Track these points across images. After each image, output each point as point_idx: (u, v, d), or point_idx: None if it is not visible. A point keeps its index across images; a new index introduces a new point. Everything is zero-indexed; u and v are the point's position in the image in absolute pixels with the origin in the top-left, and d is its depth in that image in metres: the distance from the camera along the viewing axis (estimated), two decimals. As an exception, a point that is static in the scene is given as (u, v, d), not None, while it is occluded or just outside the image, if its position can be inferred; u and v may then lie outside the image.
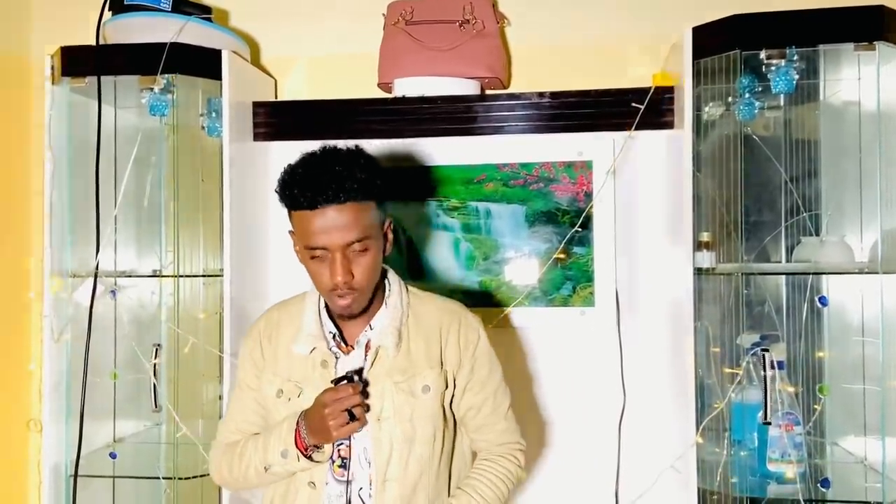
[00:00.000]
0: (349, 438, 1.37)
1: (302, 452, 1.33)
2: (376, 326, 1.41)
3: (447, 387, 1.41)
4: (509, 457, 1.46)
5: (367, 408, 1.35)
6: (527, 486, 1.95)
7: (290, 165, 1.33)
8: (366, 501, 1.37)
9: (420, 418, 1.37)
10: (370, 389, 1.37)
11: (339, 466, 1.38)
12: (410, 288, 1.48)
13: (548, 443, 1.96)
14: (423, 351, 1.40)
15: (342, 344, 1.41)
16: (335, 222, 1.28)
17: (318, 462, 1.36)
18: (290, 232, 1.39)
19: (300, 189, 1.28)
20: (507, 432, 1.48)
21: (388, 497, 1.35)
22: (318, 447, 1.34)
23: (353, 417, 1.29)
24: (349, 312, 1.36)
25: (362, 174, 1.29)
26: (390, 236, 1.40)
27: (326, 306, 1.43)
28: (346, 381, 1.31)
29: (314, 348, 1.39)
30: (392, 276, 1.46)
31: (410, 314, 1.43)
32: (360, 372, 1.38)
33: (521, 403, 1.92)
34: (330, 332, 1.42)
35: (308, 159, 1.32)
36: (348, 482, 1.37)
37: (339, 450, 1.38)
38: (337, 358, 1.39)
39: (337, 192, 1.26)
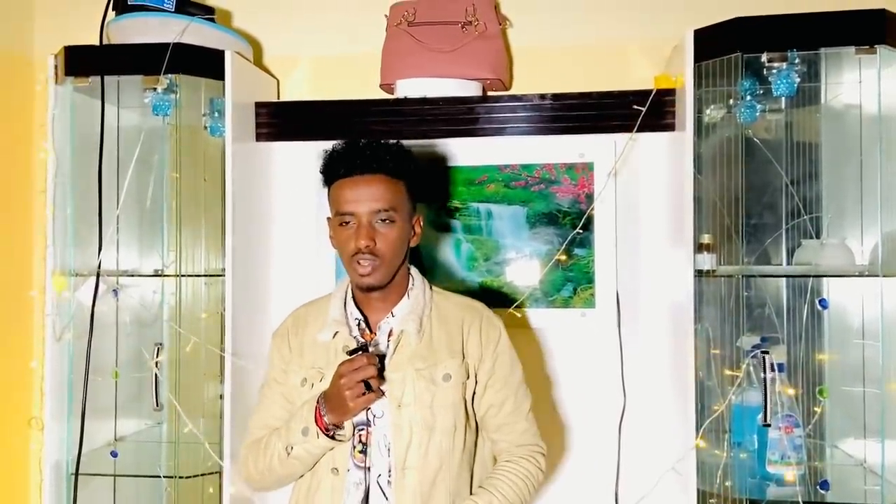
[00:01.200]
0: (370, 423, 1.39)
1: (322, 431, 1.35)
2: (398, 314, 1.46)
3: (468, 377, 1.44)
4: (530, 458, 1.47)
5: (383, 380, 1.38)
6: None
7: (333, 145, 1.47)
8: (384, 489, 1.38)
9: (440, 406, 1.39)
10: (393, 376, 1.40)
11: (360, 452, 1.40)
12: (434, 286, 1.54)
13: (548, 444, 1.95)
14: (444, 341, 1.44)
15: (367, 331, 1.46)
16: (365, 191, 1.40)
17: (339, 441, 1.37)
18: (328, 219, 1.48)
19: (339, 158, 1.42)
20: (527, 434, 1.49)
21: (407, 485, 1.37)
22: (338, 426, 1.36)
23: (369, 389, 1.31)
24: (368, 282, 1.40)
25: (397, 152, 1.44)
26: (418, 230, 1.50)
27: (354, 296, 1.49)
28: (360, 352, 1.34)
29: (337, 332, 1.44)
30: (416, 273, 1.52)
31: (433, 307, 1.48)
32: (382, 356, 1.41)
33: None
34: (356, 319, 1.47)
35: (351, 140, 1.46)
36: (367, 468, 1.39)
37: (359, 435, 1.40)
38: (357, 342, 1.44)
39: (370, 161, 1.40)
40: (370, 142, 1.43)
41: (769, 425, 1.62)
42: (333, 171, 1.43)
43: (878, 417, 1.61)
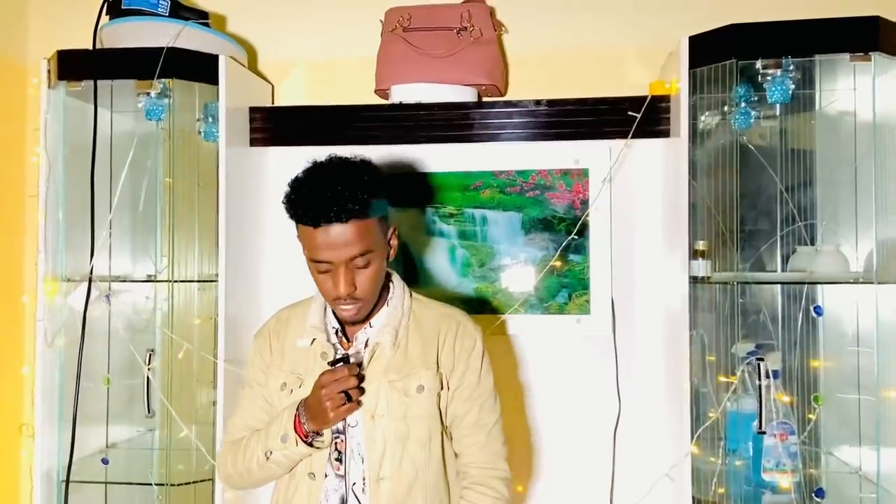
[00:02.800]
0: (345, 431, 1.40)
1: (301, 438, 1.35)
2: (375, 325, 1.44)
3: (443, 387, 1.43)
4: (486, 491, 1.41)
5: (363, 391, 1.37)
6: (521, 494, 1.94)
7: (295, 179, 1.34)
8: (359, 497, 1.38)
9: (414, 418, 1.39)
10: (366, 387, 1.39)
11: (336, 460, 1.40)
12: (414, 294, 1.51)
13: (542, 451, 1.95)
14: (420, 352, 1.42)
15: (344, 339, 1.45)
16: (338, 239, 1.30)
17: (318, 448, 1.37)
18: (298, 237, 1.40)
19: (304, 207, 1.30)
20: (486, 450, 1.43)
21: (382, 495, 1.37)
22: (317, 433, 1.36)
23: (349, 399, 1.32)
24: (354, 319, 1.40)
25: (364, 194, 1.30)
26: (394, 242, 1.44)
27: None
28: (342, 363, 1.33)
29: (314, 339, 1.43)
30: (396, 280, 1.49)
31: (411, 317, 1.46)
32: (359, 362, 1.40)
33: (516, 411, 1.92)
34: (333, 328, 1.46)
35: (312, 175, 1.33)
36: (344, 476, 1.39)
37: (335, 442, 1.40)
38: (336, 350, 1.43)
39: (339, 212, 1.28)
40: (335, 183, 1.29)
41: (764, 432, 1.62)
42: (299, 216, 1.31)
43: (873, 425, 1.60)
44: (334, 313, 1.47)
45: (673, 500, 1.73)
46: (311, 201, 1.29)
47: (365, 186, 1.31)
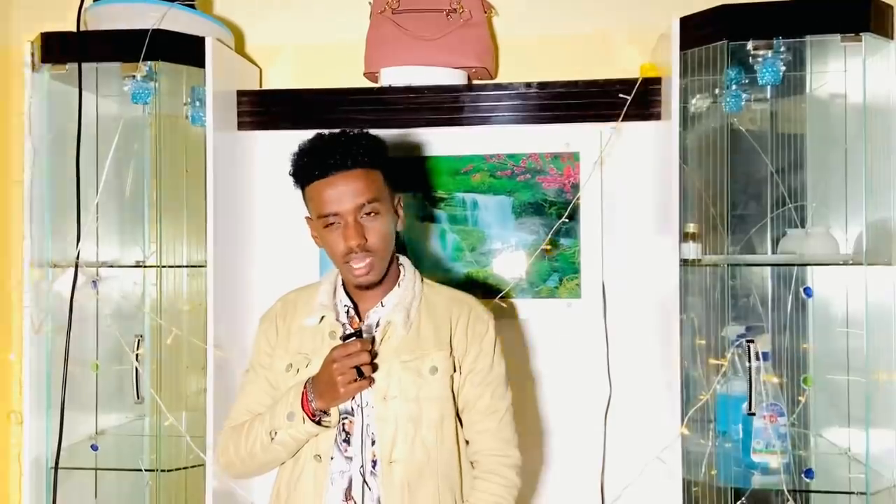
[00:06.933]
0: (354, 412, 1.38)
1: (308, 416, 1.33)
2: (388, 304, 1.44)
3: (455, 370, 1.42)
4: (497, 479, 1.42)
5: (375, 368, 1.36)
6: (512, 477, 1.95)
7: (300, 145, 1.42)
8: (368, 480, 1.37)
9: (427, 399, 1.38)
10: (378, 367, 1.38)
11: (344, 441, 1.39)
12: (425, 279, 1.52)
13: (533, 435, 1.95)
14: (432, 333, 1.42)
15: (355, 319, 1.44)
16: (345, 188, 1.35)
17: (325, 427, 1.35)
18: (306, 218, 1.44)
19: (311, 160, 1.37)
20: (497, 437, 1.44)
21: (395, 478, 1.35)
22: (325, 412, 1.35)
23: (361, 375, 1.30)
24: (366, 280, 1.39)
25: (369, 143, 1.39)
26: (401, 213, 1.47)
27: (345, 284, 1.47)
28: (355, 338, 1.32)
29: (323, 317, 1.42)
30: (407, 263, 1.51)
31: (423, 300, 1.46)
32: (372, 338, 1.39)
33: (507, 395, 1.92)
34: (345, 306, 1.45)
35: (318, 137, 1.41)
36: (351, 458, 1.38)
37: (343, 423, 1.39)
38: (345, 328, 1.42)
39: (345, 157, 1.35)
40: (339, 136, 1.39)
41: (754, 414, 1.63)
42: (307, 173, 1.38)
43: (862, 406, 1.61)
44: (345, 289, 1.46)
45: (664, 482, 1.74)
46: (316, 154, 1.36)
47: (368, 138, 1.40)
